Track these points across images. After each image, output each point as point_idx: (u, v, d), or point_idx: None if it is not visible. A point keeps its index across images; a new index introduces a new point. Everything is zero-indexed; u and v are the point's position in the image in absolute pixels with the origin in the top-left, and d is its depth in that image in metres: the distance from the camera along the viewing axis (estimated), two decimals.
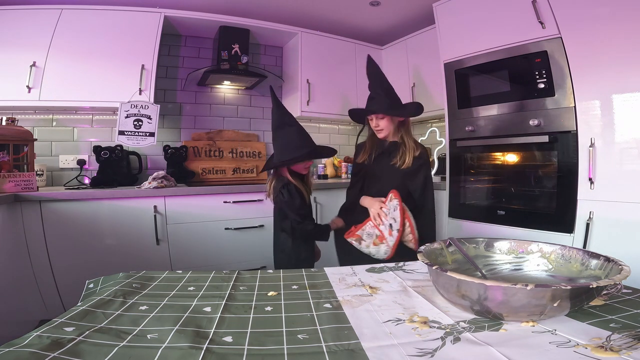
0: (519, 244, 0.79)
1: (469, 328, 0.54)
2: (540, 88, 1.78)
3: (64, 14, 2.09)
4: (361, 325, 0.56)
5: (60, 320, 0.55)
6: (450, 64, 2.20)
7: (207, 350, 0.48)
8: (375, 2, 2.54)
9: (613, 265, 0.60)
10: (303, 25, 2.75)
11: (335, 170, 3.12)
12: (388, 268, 0.88)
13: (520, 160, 1.97)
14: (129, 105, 2.15)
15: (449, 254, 0.77)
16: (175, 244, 1.97)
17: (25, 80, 1.98)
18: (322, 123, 3.16)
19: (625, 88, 1.52)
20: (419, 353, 0.47)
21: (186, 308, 0.62)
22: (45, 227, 1.70)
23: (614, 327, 0.53)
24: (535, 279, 0.72)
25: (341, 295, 0.70)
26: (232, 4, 2.46)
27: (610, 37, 1.55)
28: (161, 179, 2.03)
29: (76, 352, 0.46)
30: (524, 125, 1.85)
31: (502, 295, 0.52)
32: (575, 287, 0.50)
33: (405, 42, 2.86)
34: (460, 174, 2.20)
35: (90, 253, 1.78)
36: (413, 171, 1.48)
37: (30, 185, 1.74)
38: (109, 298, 0.66)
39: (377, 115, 1.48)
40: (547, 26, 1.74)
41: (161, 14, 2.26)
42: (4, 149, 1.74)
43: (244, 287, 0.75)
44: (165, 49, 2.53)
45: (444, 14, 2.27)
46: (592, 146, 1.61)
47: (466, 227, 2.12)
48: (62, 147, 2.34)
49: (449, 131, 2.23)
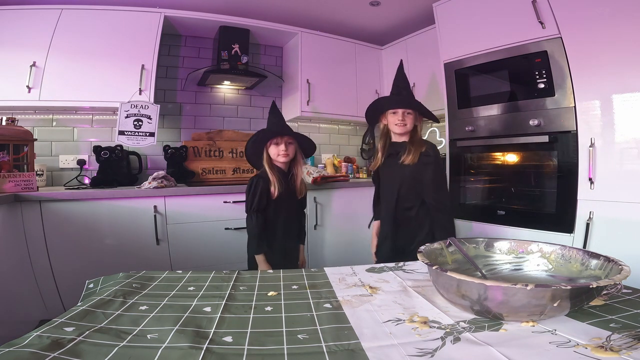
0: (519, 244, 0.79)
1: (469, 328, 0.54)
2: (540, 88, 1.78)
3: (64, 14, 2.09)
4: (361, 325, 0.56)
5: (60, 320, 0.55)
6: (450, 64, 2.20)
7: (207, 350, 0.47)
8: (375, 2, 2.54)
9: (613, 265, 0.60)
10: (303, 25, 2.75)
11: (335, 170, 3.12)
12: (388, 268, 0.88)
13: (520, 160, 1.97)
14: (129, 105, 2.15)
15: (449, 254, 0.77)
16: (175, 244, 1.97)
17: (25, 80, 1.98)
18: (322, 123, 3.16)
19: (625, 88, 1.52)
20: (419, 353, 0.47)
21: (186, 308, 0.62)
22: (45, 227, 1.70)
23: (614, 327, 0.53)
24: (535, 279, 0.72)
25: (341, 295, 0.70)
26: (232, 4, 2.46)
27: (610, 37, 1.55)
28: (161, 179, 2.03)
29: (76, 352, 0.46)
30: (524, 125, 1.85)
31: (502, 295, 0.52)
32: (575, 287, 0.50)
33: (405, 42, 2.86)
34: (460, 174, 2.20)
35: (90, 253, 1.78)
36: (420, 167, 1.45)
37: (30, 185, 1.74)
38: (109, 298, 0.66)
39: (406, 110, 1.48)
40: (547, 26, 1.74)
41: (161, 14, 2.26)
42: (4, 149, 1.74)
43: (244, 287, 0.75)
44: (165, 49, 2.53)
45: (444, 14, 2.27)
46: (592, 146, 1.61)
47: (466, 227, 2.12)
48: (62, 147, 2.33)
49: (449, 131, 2.23)
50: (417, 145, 1.47)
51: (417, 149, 1.47)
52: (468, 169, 2.19)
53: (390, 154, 1.55)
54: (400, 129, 1.49)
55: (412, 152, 1.46)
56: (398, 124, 1.48)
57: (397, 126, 1.49)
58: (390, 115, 1.52)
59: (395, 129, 1.51)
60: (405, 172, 1.48)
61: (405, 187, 1.49)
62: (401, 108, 1.49)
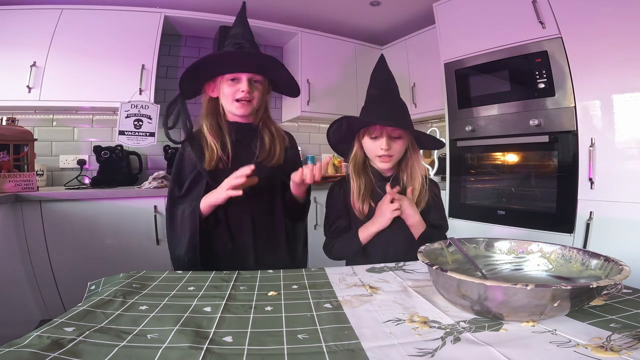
0: (519, 244, 0.79)
1: (469, 328, 0.54)
2: (540, 88, 1.78)
3: (64, 14, 2.09)
4: (361, 325, 0.55)
5: (61, 320, 0.55)
6: (450, 64, 2.20)
7: (207, 350, 0.47)
8: (375, 2, 2.54)
9: (613, 265, 0.60)
10: (303, 25, 2.75)
11: (336, 170, 3.12)
12: (388, 268, 0.88)
13: (520, 160, 1.96)
14: (129, 105, 2.16)
15: (449, 254, 0.77)
16: None
17: (26, 80, 1.98)
18: (322, 123, 3.16)
19: (625, 88, 1.52)
20: (419, 353, 0.47)
21: (186, 308, 0.62)
22: (45, 227, 1.70)
23: (614, 327, 0.53)
24: (535, 279, 0.72)
25: (341, 295, 0.70)
26: (232, 4, 2.46)
27: (610, 37, 1.54)
28: (161, 179, 2.03)
29: (76, 352, 0.46)
30: (524, 125, 1.85)
31: (503, 295, 0.52)
32: (575, 287, 0.50)
33: (405, 42, 2.86)
34: (460, 174, 2.20)
35: (90, 253, 1.78)
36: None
37: (31, 185, 1.74)
38: (109, 298, 0.66)
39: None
40: (547, 26, 1.74)
41: (161, 14, 2.26)
42: (4, 149, 1.74)
43: (244, 287, 0.75)
44: (165, 49, 2.53)
45: (444, 14, 2.27)
46: (592, 146, 1.61)
47: (466, 227, 2.11)
48: (62, 147, 2.34)
49: (449, 131, 2.23)
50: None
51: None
52: (468, 169, 2.19)
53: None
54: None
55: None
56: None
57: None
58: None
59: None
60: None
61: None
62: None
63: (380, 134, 0.99)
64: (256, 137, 1.06)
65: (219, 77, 1.02)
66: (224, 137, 1.03)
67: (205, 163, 0.99)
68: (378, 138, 1.00)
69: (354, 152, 1.07)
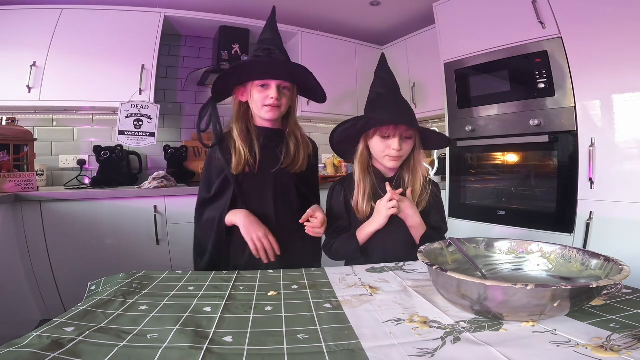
0: (519, 244, 0.79)
1: (469, 328, 0.54)
2: (540, 88, 1.78)
3: (64, 14, 2.09)
4: (361, 325, 0.55)
5: (61, 320, 0.55)
6: (450, 64, 2.20)
7: (207, 351, 0.47)
8: (375, 2, 2.54)
9: (613, 265, 0.60)
10: (303, 25, 2.75)
11: (336, 170, 3.12)
12: (388, 268, 0.88)
13: (520, 160, 1.97)
14: (129, 105, 2.16)
15: (449, 254, 0.77)
16: (176, 244, 1.97)
17: (26, 80, 1.98)
18: (322, 123, 3.16)
19: (625, 88, 1.52)
20: (419, 353, 0.47)
21: (186, 308, 0.62)
22: (45, 227, 1.70)
23: (614, 327, 0.53)
24: (535, 279, 0.72)
25: (341, 295, 0.70)
26: (232, 4, 2.46)
27: (610, 37, 1.54)
28: (161, 179, 2.03)
29: (76, 352, 0.46)
30: (524, 125, 1.85)
31: (502, 295, 0.52)
32: (575, 287, 0.50)
33: (405, 42, 2.86)
34: (460, 174, 2.20)
35: (90, 253, 1.78)
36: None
37: (31, 185, 1.74)
38: (109, 298, 0.66)
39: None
40: (547, 26, 1.74)
41: (161, 14, 2.26)
42: (4, 149, 1.74)
43: (244, 287, 0.75)
44: (165, 49, 2.53)
45: (444, 14, 2.27)
46: (592, 146, 1.61)
47: (466, 227, 2.11)
48: (62, 147, 2.34)
49: (449, 131, 2.23)
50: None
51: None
52: (468, 169, 2.19)
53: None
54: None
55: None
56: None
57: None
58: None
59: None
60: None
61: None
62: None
63: (393, 134, 0.99)
64: (282, 142, 1.08)
65: (249, 82, 1.04)
66: (252, 141, 1.04)
67: (232, 167, 1.01)
68: (390, 137, 0.99)
69: (359, 152, 1.06)
